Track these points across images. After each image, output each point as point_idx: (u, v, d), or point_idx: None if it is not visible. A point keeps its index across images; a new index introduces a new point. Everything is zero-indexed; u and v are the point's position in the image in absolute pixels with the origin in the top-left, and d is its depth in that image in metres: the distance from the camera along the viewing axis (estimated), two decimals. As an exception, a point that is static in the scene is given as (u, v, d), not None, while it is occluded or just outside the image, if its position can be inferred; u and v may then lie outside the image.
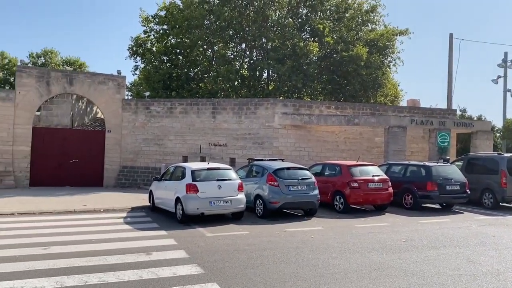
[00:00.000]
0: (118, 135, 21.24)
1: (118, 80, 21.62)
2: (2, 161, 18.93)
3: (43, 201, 14.96)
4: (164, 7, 29.11)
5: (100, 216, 12.71)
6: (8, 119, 19.06)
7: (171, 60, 28.86)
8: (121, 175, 21.14)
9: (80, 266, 7.30)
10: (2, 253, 8.06)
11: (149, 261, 7.69)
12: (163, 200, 13.17)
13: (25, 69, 20.49)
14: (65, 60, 51.92)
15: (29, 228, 10.68)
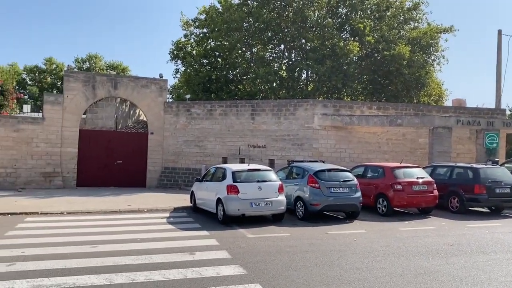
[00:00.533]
0: (160, 137, 21.73)
1: (160, 84, 22.13)
2: (51, 163, 19.78)
3: (89, 201, 15.52)
4: (204, 11, 29.55)
5: (144, 216, 13.04)
6: (56, 122, 19.90)
7: (211, 63, 29.24)
8: (163, 176, 21.61)
9: (127, 264, 7.51)
10: (54, 250, 8.41)
11: (192, 261, 7.81)
12: (204, 201, 13.34)
13: (72, 73, 21.36)
14: (109, 65, 53.77)
15: (77, 227, 11.09)
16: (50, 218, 12.40)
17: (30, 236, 9.78)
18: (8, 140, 19.05)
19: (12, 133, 19.13)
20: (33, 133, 19.49)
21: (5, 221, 11.63)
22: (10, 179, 18.93)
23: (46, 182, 19.47)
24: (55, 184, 19.56)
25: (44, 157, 19.58)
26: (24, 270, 7.01)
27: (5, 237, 9.59)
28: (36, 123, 19.73)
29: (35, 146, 19.49)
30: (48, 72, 54.04)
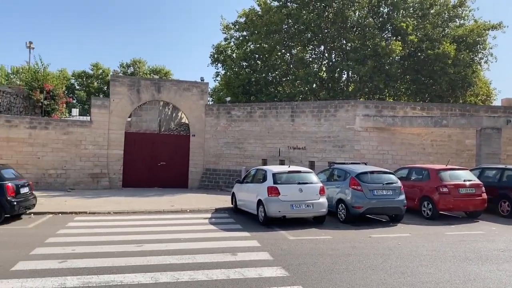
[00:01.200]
0: (202, 139, 22.09)
1: (202, 87, 22.52)
2: (99, 164, 20.54)
3: (134, 201, 16.00)
4: (244, 14, 29.82)
5: (187, 216, 13.30)
6: (103, 125, 20.66)
7: (250, 66, 29.46)
8: (204, 177, 21.95)
9: (172, 263, 7.69)
10: (101, 248, 8.74)
11: (235, 261, 7.89)
12: (245, 202, 13.44)
13: (118, 78, 22.08)
14: (152, 69, 55.23)
15: (123, 226, 11.46)
16: (97, 217, 12.89)
17: (80, 235, 10.20)
18: (59, 143, 19.95)
19: (62, 135, 20.03)
20: (82, 136, 20.33)
21: (57, 220, 12.20)
22: (60, 179, 19.82)
23: (94, 183, 20.25)
24: (102, 185, 20.31)
25: (92, 159, 20.37)
26: (75, 267, 7.32)
27: (56, 235, 10.06)
28: (84, 126, 20.58)
29: (84, 148, 20.31)
30: (95, 77, 56.17)
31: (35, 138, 19.54)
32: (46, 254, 8.18)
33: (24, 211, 12.43)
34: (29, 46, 26.98)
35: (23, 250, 8.44)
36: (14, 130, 19.22)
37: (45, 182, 19.34)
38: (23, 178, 13.12)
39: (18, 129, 19.30)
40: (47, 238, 9.67)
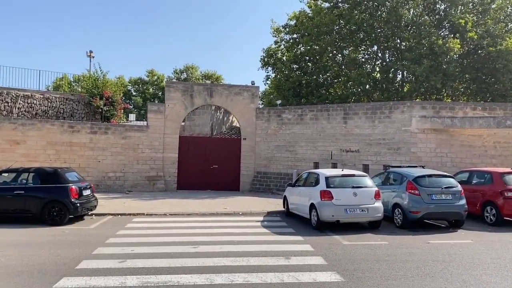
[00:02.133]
0: (253, 142, 22.25)
1: (252, 90, 22.70)
2: (155, 167, 21.25)
3: (189, 204, 16.37)
4: (294, 17, 29.75)
5: (239, 219, 13.42)
6: (159, 130, 21.36)
7: (301, 68, 29.31)
8: (255, 180, 22.07)
9: (226, 265, 7.78)
10: (158, 249, 9.00)
11: (288, 265, 7.86)
12: (297, 206, 13.36)
13: (172, 84, 22.74)
14: (204, 74, 56.48)
15: (179, 227, 11.75)
16: (154, 219, 13.32)
17: (138, 236, 10.58)
18: (117, 147, 20.84)
19: (121, 140, 20.91)
20: (139, 140, 21.12)
21: (116, 221, 12.74)
22: (119, 182, 20.68)
23: (150, 185, 20.96)
24: (158, 187, 20.98)
25: (148, 162, 21.11)
26: (134, 267, 7.59)
27: (116, 236, 10.49)
28: (141, 131, 21.37)
29: (141, 151, 21.08)
30: (150, 83, 58.29)
31: (96, 143, 20.53)
32: (107, 254, 8.55)
33: (86, 212, 13.07)
34: (89, 55, 28.46)
35: (86, 250, 8.87)
36: (77, 135, 20.30)
37: (105, 185, 20.25)
38: (85, 181, 13.82)
39: (80, 134, 20.36)
40: (107, 238, 10.11)
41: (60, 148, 19.95)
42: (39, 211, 11.91)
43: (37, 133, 19.70)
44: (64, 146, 20.04)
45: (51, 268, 7.43)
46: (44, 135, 19.78)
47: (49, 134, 19.86)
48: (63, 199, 11.97)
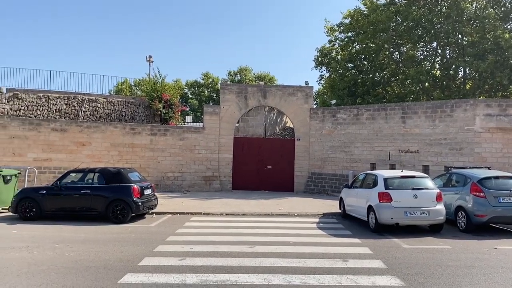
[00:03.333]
0: (307, 143, 22.11)
1: (306, 91, 22.57)
2: (210, 167, 21.70)
3: (244, 204, 16.56)
4: (349, 15, 29.26)
5: (294, 220, 13.38)
6: (215, 131, 21.80)
7: (356, 67, 28.76)
8: (309, 181, 21.91)
9: (283, 266, 7.78)
10: (216, 248, 9.17)
11: (346, 268, 7.73)
12: (354, 208, 13.11)
13: (227, 86, 23.14)
14: (257, 76, 56.93)
15: (235, 227, 11.91)
16: (211, 218, 13.61)
17: (196, 234, 10.84)
18: (176, 148, 21.51)
19: (179, 141, 21.56)
20: (196, 141, 21.67)
21: (175, 220, 13.14)
22: (177, 182, 21.33)
23: (207, 185, 21.43)
24: (213, 187, 21.41)
25: (204, 163, 21.60)
26: (193, 265, 7.79)
27: (176, 234, 10.82)
28: (197, 132, 21.91)
29: (197, 152, 21.62)
30: (205, 85, 59.59)
31: (155, 144, 21.30)
32: (168, 252, 8.84)
33: (147, 211, 13.58)
34: (149, 60, 29.57)
35: (148, 247, 9.22)
36: (138, 136, 21.17)
37: (164, 184, 20.95)
38: (146, 181, 14.38)
39: (141, 136, 21.22)
40: (167, 236, 10.46)
41: (122, 149, 20.91)
42: (104, 209, 12.54)
43: (101, 135, 20.76)
44: (126, 147, 20.97)
45: (116, 264, 7.79)
46: (107, 137, 20.82)
47: (112, 136, 20.87)
48: (126, 198, 12.52)
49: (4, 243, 9.50)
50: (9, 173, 14.07)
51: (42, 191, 12.90)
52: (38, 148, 20.11)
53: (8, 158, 19.75)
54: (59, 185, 12.88)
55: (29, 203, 12.69)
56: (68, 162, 19.82)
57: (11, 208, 13.14)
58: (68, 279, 6.86)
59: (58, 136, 20.34)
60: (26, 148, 20.01)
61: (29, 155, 19.96)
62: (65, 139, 20.37)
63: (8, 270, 7.30)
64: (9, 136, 19.96)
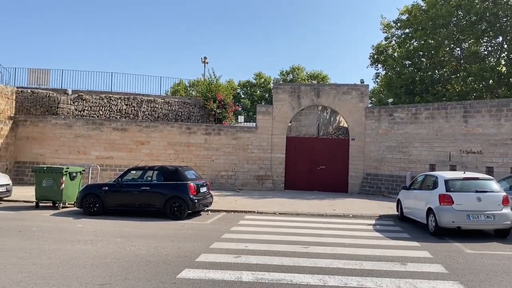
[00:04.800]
0: (362, 143, 21.63)
1: (361, 89, 22.09)
2: (263, 167, 21.81)
3: (297, 203, 16.49)
4: (406, 11, 28.33)
5: (350, 221, 13.15)
6: (267, 130, 21.88)
7: (414, 64, 27.78)
8: (364, 182, 21.42)
9: (339, 267, 7.66)
10: (270, 247, 9.20)
11: (404, 272, 7.49)
12: (412, 210, 12.67)
13: (280, 85, 23.16)
14: (310, 75, 56.48)
15: (288, 227, 11.89)
16: (265, 217, 13.67)
17: (250, 233, 10.93)
18: (229, 147, 21.84)
19: (232, 140, 21.86)
20: (248, 141, 21.87)
21: (230, 218, 13.34)
22: (230, 180, 21.65)
23: (259, 184, 21.56)
24: (266, 187, 21.50)
25: (257, 162, 21.75)
26: (248, 263, 7.86)
27: (230, 232, 10.97)
28: (250, 132, 22.10)
29: (250, 152, 21.82)
30: (258, 85, 59.95)
31: (210, 143, 21.74)
32: (223, 249, 8.98)
33: (203, 208, 13.88)
34: (204, 61, 30.26)
35: (204, 244, 9.42)
36: (193, 136, 21.71)
37: (218, 183, 21.33)
38: (202, 179, 14.69)
39: (196, 135, 21.74)
40: (223, 234, 10.63)
41: (178, 148, 21.54)
42: (162, 206, 12.96)
43: (159, 134, 21.51)
44: (182, 146, 21.58)
45: (174, 260, 8.03)
46: (165, 136, 21.53)
47: (169, 135, 21.56)
48: (183, 195, 12.87)
49: (71, 236, 10.08)
50: (75, 170, 14.91)
51: (104, 187, 13.56)
52: (101, 147, 21.19)
53: (74, 156, 20.99)
54: (121, 182, 13.47)
55: (93, 199, 13.38)
56: (128, 160, 20.72)
57: (77, 203, 13.94)
58: (130, 272, 7.15)
59: (119, 135, 21.31)
60: (90, 146, 21.16)
61: (92, 153, 21.09)
62: (125, 138, 21.31)
63: (75, 262, 7.73)
64: (74, 135, 21.20)
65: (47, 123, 21.46)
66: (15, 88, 22.61)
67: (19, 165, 21.37)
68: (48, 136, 21.36)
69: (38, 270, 7.09)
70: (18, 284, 6.35)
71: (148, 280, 6.71)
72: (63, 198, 14.34)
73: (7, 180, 15.83)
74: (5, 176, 16.11)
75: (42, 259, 7.86)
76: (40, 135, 21.39)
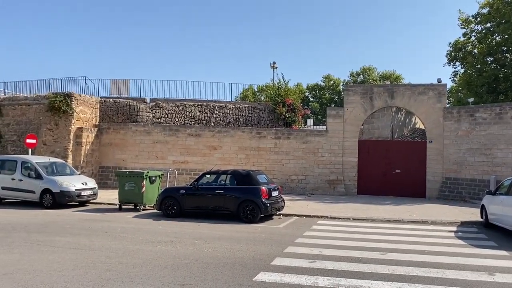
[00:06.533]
0: (440, 145, 20.55)
1: (439, 89, 21.01)
2: (334, 171, 21.48)
3: (371, 209, 16.03)
4: (487, 4, 26.54)
5: (429, 228, 12.54)
6: (338, 134, 21.53)
7: (497, 60, 25.93)
8: (444, 186, 20.31)
9: (419, 276, 7.33)
10: (345, 253, 9.02)
11: (493, 282, 6.99)
12: (498, 217, 11.79)
13: (351, 87, 22.72)
14: (382, 75, 54.77)
15: (363, 233, 11.59)
16: (338, 222, 13.45)
17: (324, 238, 10.80)
18: (299, 151, 21.79)
19: (302, 144, 21.80)
20: (319, 144, 21.67)
21: (302, 222, 13.29)
22: (301, 184, 21.57)
23: (331, 189, 21.26)
24: (338, 191, 21.14)
25: (328, 166, 21.48)
26: (324, 268, 7.77)
27: (304, 236, 10.92)
28: (320, 135, 21.89)
29: (320, 156, 21.60)
30: (326, 88, 59.29)
31: (280, 147, 21.85)
32: (297, 253, 8.96)
33: (275, 212, 13.96)
34: (273, 66, 30.50)
35: (278, 248, 9.47)
36: (263, 140, 21.96)
37: (288, 187, 21.34)
38: (273, 183, 14.80)
39: (266, 139, 21.96)
40: (296, 238, 10.61)
41: (249, 152, 21.90)
42: (235, 209, 13.23)
43: (230, 139, 22.03)
44: (252, 151, 21.91)
45: (249, 262, 8.15)
46: (236, 141, 22.00)
47: (240, 140, 22.00)
48: (255, 199, 13.05)
49: (152, 237, 10.62)
50: (154, 174, 15.70)
51: (182, 190, 14.13)
52: (177, 152, 22.15)
53: (152, 160, 22.13)
54: (197, 185, 13.97)
55: (171, 201, 14.00)
56: (202, 164, 21.45)
57: (156, 206, 14.67)
58: (208, 273, 7.38)
59: (193, 141, 22.14)
60: (167, 151, 22.20)
61: (169, 157, 22.11)
62: (199, 143, 22.09)
63: (156, 262, 8.12)
64: (153, 141, 22.36)
65: (128, 130, 22.84)
66: (99, 98, 24.31)
67: (103, 169, 22.94)
68: (129, 142, 22.73)
69: (124, 269, 7.55)
70: (107, 281, 6.80)
71: (226, 282, 6.87)
72: (144, 201, 15.16)
73: (93, 184, 17.11)
74: (91, 180, 17.42)
75: (127, 258, 8.35)
76: (122, 141, 22.81)
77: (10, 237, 10.26)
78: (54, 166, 17.35)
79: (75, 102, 21.45)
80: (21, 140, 21.49)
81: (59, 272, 7.27)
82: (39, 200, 16.09)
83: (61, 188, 15.86)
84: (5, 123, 22.85)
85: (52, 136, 21.25)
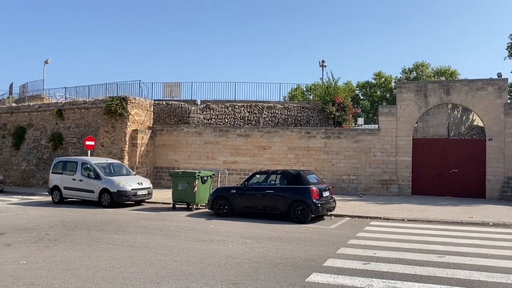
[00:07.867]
0: (501, 143, 19.44)
1: (499, 84, 19.88)
2: (387, 171, 20.88)
3: (427, 210, 15.45)
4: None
5: (490, 230, 11.91)
6: (391, 132, 20.92)
7: None
8: (506, 187, 19.18)
9: (481, 280, 6.98)
10: (400, 255, 8.74)
11: None
12: None
13: (404, 84, 22.00)
14: (436, 71, 52.65)
15: (419, 234, 11.19)
16: (392, 223, 13.07)
17: (378, 239, 10.53)
18: (350, 150, 21.39)
19: (353, 144, 21.39)
20: (370, 143, 21.17)
21: (355, 223, 13.05)
22: (352, 185, 21.17)
23: (383, 189, 20.70)
24: (391, 191, 20.54)
25: (380, 166, 20.92)
26: (378, 271, 7.57)
27: (356, 238, 10.71)
28: (372, 134, 21.37)
29: (372, 155, 21.09)
30: (378, 85, 57.78)
31: (330, 147, 21.57)
32: (350, 255, 8.79)
33: (326, 212, 13.78)
34: (322, 64, 30.20)
35: (330, 249, 9.35)
36: (313, 140, 21.77)
37: (339, 187, 21.02)
38: (324, 183, 14.62)
39: (316, 139, 21.75)
40: (348, 239, 10.43)
41: (298, 152, 21.80)
42: (286, 209, 13.20)
43: (279, 139, 22.03)
44: (302, 151, 21.79)
45: (301, 263, 8.11)
46: (285, 141, 21.97)
47: (289, 140, 21.94)
48: (306, 199, 12.95)
49: (205, 236, 10.82)
50: (206, 174, 16.01)
51: (232, 190, 14.30)
52: (227, 152, 22.47)
53: (203, 161, 22.59)
54: (247, 185, 14.09)
55: (222, 201, 14.22)
56: (251, 165, 21.61)
57: (208, 205, 14.96)
58: (260, 273, 7.41)
59: (243, 141, 22.36)
60: (217, 152, 22.57)
61: (219, 158, 22.47)
62: (249, 143, 22.27)
63: (210, 260, 8.27)
64: (204, 142, 22.82)
65: (180, 132, 23.45)
66: (153, 100, 25.14)
67: (157, 170, 23.68)
68: (181, 143, 23.33)
69: (178, 267, 7.75)
70: (163, 279, 7.00)
71: (278, 282, 6.87)
72: (196, 200, 15.50)
73: (148, 184, 17.72)
74: (146, 180, 18.04)
75: (181, 256, 8.57)
76: (174, 142, 23.46)
77: (72, 235, 10.84)
78: (112, 166, 18.13)
79: (130, 105, 22.32)
80: (81, 142, 22.68)
81: (117, 269, 7.59)
82: (97, 200, 16.89)
83: (118, 188, 16.55)
84: (66, 126, 24.21)
85: (109, 138, 22.24)
